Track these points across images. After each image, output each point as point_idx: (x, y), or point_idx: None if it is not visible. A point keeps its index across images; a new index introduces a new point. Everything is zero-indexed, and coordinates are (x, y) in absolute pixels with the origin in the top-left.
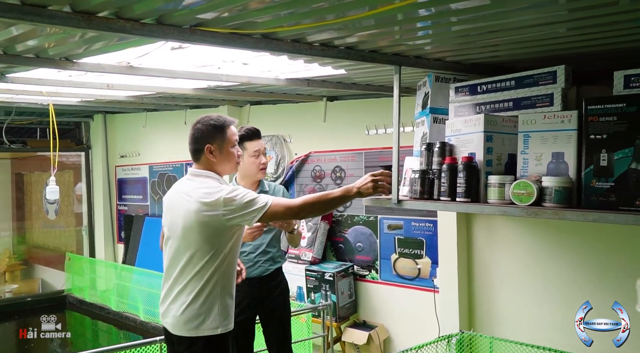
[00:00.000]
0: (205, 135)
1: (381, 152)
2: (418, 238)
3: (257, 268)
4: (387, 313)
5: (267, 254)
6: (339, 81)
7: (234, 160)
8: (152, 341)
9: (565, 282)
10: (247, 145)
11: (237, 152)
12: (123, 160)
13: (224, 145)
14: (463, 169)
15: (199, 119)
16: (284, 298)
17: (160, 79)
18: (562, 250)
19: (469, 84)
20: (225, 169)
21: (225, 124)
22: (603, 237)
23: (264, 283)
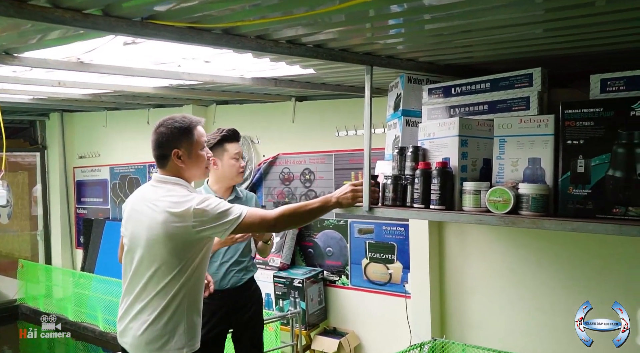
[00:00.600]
0: (170, 139)
1: (351, 154)
2: (389, 242)
3: (231, 279)
4: (358, 319)
5: (240, 264)
6: (308, 81)
7: (203, 164)
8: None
9: (537, 287)
10: (228, 147)
11: (207, 154)
12: (82, 161)
13: (192, 149)
14: (437, 175)
15: (162, 121)
16: (259, 307)
17: (116, 76)
18: (535, 255)
19: (443, 86)
20: (194, 175)
21: (192, 125)
22: (576, 242)
23: (238, 294)
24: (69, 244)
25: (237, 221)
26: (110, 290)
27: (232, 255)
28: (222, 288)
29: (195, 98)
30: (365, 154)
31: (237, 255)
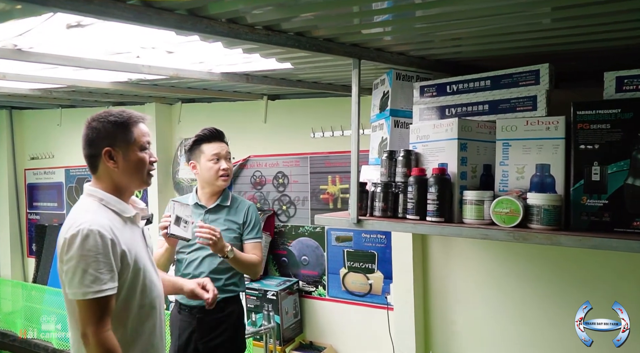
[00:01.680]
0: (102, 135)
1: (327, 157)
2: (369, 251)
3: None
4: (336, 333)
5: (215, 280)
6: (283, 77)
7: (144, 168)
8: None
9: (524, 296)
10: (205, 148)
11: (151, 158)
12: (34, 162)
13: (129, 148)
14: (435, 183)
15: (95, 115)
16: (232, 336)
17: (65, 68)
18: (521, 263)
19: (437, 83)
20: (131, 181)
21: (131, 120)
22: (562, 250)
23: (206, 315)
24: (20, 253)
25: (82, 296)
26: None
27: (204, 270)
28: (189, 303)
29: (159, 95)
30: (352, 156)
31: (210, 271)
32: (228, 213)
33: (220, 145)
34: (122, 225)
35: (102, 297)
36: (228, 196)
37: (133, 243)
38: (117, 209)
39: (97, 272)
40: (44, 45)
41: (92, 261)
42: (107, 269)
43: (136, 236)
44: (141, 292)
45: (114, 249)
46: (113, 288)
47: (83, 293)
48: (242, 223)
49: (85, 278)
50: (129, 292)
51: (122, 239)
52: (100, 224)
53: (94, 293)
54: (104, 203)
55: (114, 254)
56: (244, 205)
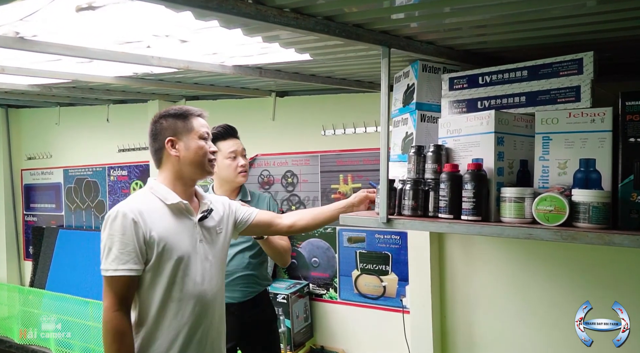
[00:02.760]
0: (165, 128)
1: (339, 155)
2: (383, 252)
3: (235, 292)
4: (348, 337)
5: (248, 276)
6: (296, 71)
7: (205, 156)
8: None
9: (549, 299)
10: (221, 146)
11: (211, 148)
12: (31, 162)
13: (190, 136)
14: (470, 179)
15: (158, 113)
16: (269, 329)
17: (70, 61)
18: (546, 264)
19: (468, 75)
20: (194, 170)
21: (190, 112)
22: (589, 251)
23: (244, 311)
24: (16, 256)
25: (104, 272)
26: (64, 308)
27: (237, 265)
28: (227, 303)
29: (162, 93)
30: (382, 152)
31: (244, 265)
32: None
33: (236, 142)
34: (165, 212)
35: (120, 276)
36: (247, 191)
37: (172, 231)
38: (161, 196)
39: (118, 251)
40: (49, 33)
41: (116, 240)
42: (129, 250)
43: (183, 226)
44: (172, 283)
45: (137, 231)
46: (132, 269)
47: (105, 270)
48: None
49: (109, 256)
50: (155, 279)
51: (154, 224)
52: (129, 207)
53: (113, 271)
54: (152, 191)
55: (137, 236)
56: (263, 198)
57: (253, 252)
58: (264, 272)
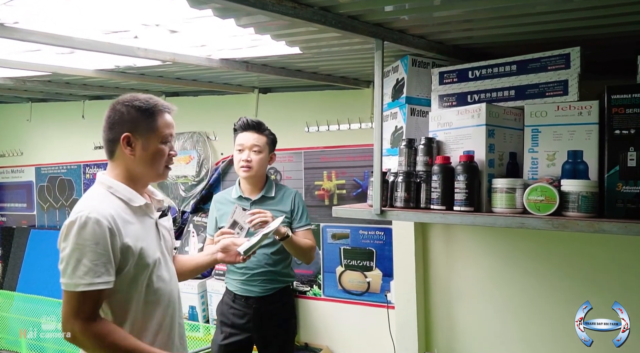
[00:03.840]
0: (125, 119)
1: (323, 152)
2: (367, 248)
3: (255, 287)
4: (332, 333)
5: (267, 273)
6: (283, 66)
7: (161, 162)
8: None
9: (530, 291)
10: (236, 138)
11: (171, 151)
12: (1, 160)
13: (150, 138)
14: (463, 171)
15: (122, 98)
16: (286, 326)
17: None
18: (526, 257)
19: (458, 69)
20: (147, 172)
21: (157, 108)
22: (569, 242)
23: (262, 305)
24: None
25: (73, 288)
26: (35, 310)
27: (257, 261)
28: (245, 294)
29: (142, 88)
30: (375, 144)
31: (265, 260)
32: (274, 203)
33: (249, 135)
34: (130, 215)
35: (95, 290)
36: (272, 186)
37: (142, 235)
38: (125, 198)
39: (91, 263)
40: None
41: (88, 251)
42: (103, 261)
43: (147, 228)
44: (147, 287)
45: (113, 240)
46: (108, 282)
47: (75, 284)
48: (289, 211)
49: (78, 269)
50: (131, 287)
51: (126, 231)
52: (100, 212)
53: (85, 285)
54: (112, 191)
55: (113, 245)
56: (289, 194)
57: (275, 248)
58: (285, 268)
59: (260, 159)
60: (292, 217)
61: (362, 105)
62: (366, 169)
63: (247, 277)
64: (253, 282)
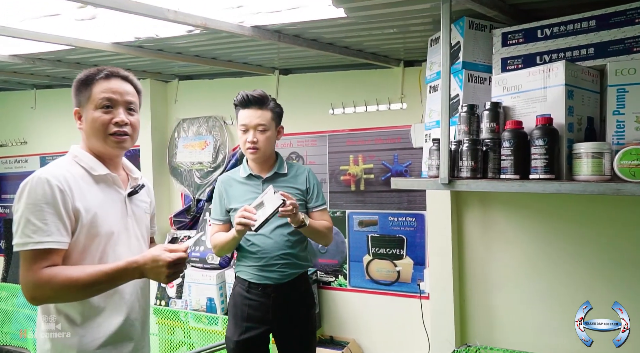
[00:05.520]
0: (74, 92)
1: (349, 135)
2: (397, 235)
3: (273, 273)
4: (359, 326)
5: (286, 256)
6: (314, 38)
7: (101, 129)
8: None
9: (574, 279)
10: (239, 115)
11: (115, 118)
12: (2, 150)
13: (87, 107)
14: (541, 135)
15: (80, 74)
16: (307, 313)
17: (68, 17)
18: (569, 242)
19: (525, 28)
20: (94, 144)
21: (92, 76)
22: (616, 227)
23: (281, 293)
24: None
25: (22, 247)
26: None
27: (274, 244)
28: (261, 282)
29: (154, 70)
30: (442, 107)
31: (282, 243)
32: (287, 180)
33: (252, 113)
34: (89, 184)
35: (45, 249)
36: (283, 163)
37: (99, 204)
38: (87, 166)
39: (41, 222)
40: None
41: (37, 210)
42: (53, 220)
43: (110, 199)
44: (99, 260)
45: (65, 200)
46: (59, 242)
47: (24, 244)
48: (304, 190)
49: (27, 228)
50: (82, 258)
51: (81, 195)
52: (52, 174)
53: (35, 243)
54: (77, 159)
55: (65, 206)
56: (302, 171)
57: (291, 229)
58: (303, 251)
59: (267, 137)
60: (308, 196)
61: (392, 85)
62: (395, 152)
63: (264, 261)
64: (271, 267)
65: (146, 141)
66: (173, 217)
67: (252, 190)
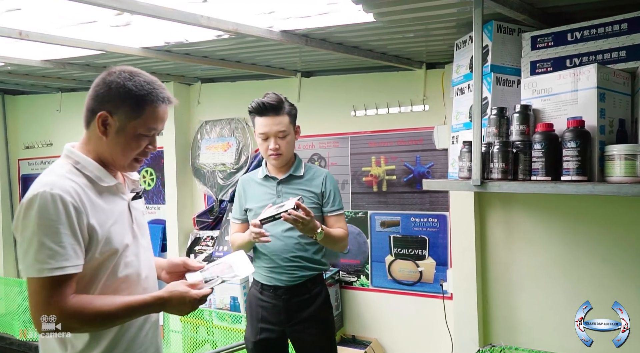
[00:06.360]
0: (111, 96)
1: (371, 137)
2: (419, 236)
3: (282, 275)
4: (381, 326)
5: (296, 258)
6: (340, 42)
7: (131, 154)
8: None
9: (599, 280)
10: (256, 122)
11: (149, 145)
12: (29, 152)
13: (129, 124)
14: (573, 137)
15: (120, 69)
16: (322, 315)
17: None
18: (594, 242)
19: (554, 32)
20: (113, 160)
21: (150, 97)
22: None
23: (293, 296)
24: (13, 249)
25: (38, 273)
26: None
27: (283, 246)
28: (273, 283)
29: (178, 73)
30: (475, 111)
31: (292, 247)
32: (303, 183)
33: (270, 120)
34: (95, 196)
35: (63, 275)
36: (301, 165)
37: (110, 218)
38: (93, 176)
39: (57, 245)
40: None
41: (52, 232)
42: (70, 242)
43: (117, 210)
44: (110, 274)
45: (80, 219)
46: (77, 265)
47: (38, 270)
48: (320, 193)
49: (41, 252)
50: (95, 273)
51: (94, 211)
52: (63, 188)
53: (51, 269)
54: (79, 167)
55: (80, 225)
56: (319, 174)
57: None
58: (316, 254)
59: (288, 142)
60: (322, 200)
61: (414, 87)
62: (417, 154)
63: (274, 263)
64: (280, 269)
65: (170, 143)
66: (196, 217)
67: (268, 191)
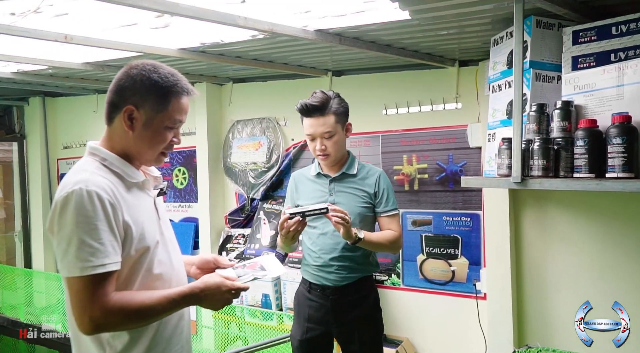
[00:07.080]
0: (135, 89)
1: (403, 135)
2: (452, 235)
3: (330, 275)
4: (413, 325)
5: (343, 259)
6: (373, 40)
7: (159, 146)
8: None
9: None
10: (304, 122)
11: (174, 138)
12: (67, 151)
13: (155, 117)
14: (620, 133)
15: (142, 63)
16: (369, 321)
17: (145, 25)
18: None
19: (597, 26)
20: (140, 154)
21: (175, 89)
22: None
23: (340, 296)
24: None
25: (80, 272)
26: None
27: (330, 245)
28: (321, 283)
29: (210, 74)
30: (515, 106)
31: (341, 245)
32: (356, 181)
33: (315, 122)
34: (125, 192)
35: (105, 272)
36: (354, 163)
37: (140, 214)
38: (121, 172)
39: (97, 243)
40: None
41: (91, 229)
42: (109, 239)
43: (145, 206)
44: (146, 272)
45: (116, 215)
46: (117, 262)
47: (80, 269)
48: (372, 193)
49: (82, 250)
50: (131, 271)
51: (127, 207)
52: (97, 184)
53: (94, 267)
54: (107, 164)
55: (117, 222)
56: (373, 173)
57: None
58: (364, 256)
59: (335, 142)
60: (375, 200)
61: (446, 85)
62: (450, 152)
63: (321, 262)
64: (328, 269)
65: (202, 142)
66: (228, 216)
67: (319, 188)
